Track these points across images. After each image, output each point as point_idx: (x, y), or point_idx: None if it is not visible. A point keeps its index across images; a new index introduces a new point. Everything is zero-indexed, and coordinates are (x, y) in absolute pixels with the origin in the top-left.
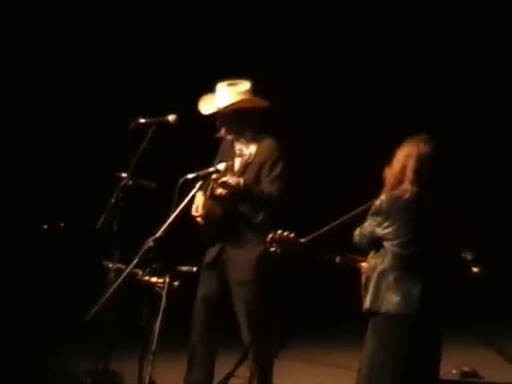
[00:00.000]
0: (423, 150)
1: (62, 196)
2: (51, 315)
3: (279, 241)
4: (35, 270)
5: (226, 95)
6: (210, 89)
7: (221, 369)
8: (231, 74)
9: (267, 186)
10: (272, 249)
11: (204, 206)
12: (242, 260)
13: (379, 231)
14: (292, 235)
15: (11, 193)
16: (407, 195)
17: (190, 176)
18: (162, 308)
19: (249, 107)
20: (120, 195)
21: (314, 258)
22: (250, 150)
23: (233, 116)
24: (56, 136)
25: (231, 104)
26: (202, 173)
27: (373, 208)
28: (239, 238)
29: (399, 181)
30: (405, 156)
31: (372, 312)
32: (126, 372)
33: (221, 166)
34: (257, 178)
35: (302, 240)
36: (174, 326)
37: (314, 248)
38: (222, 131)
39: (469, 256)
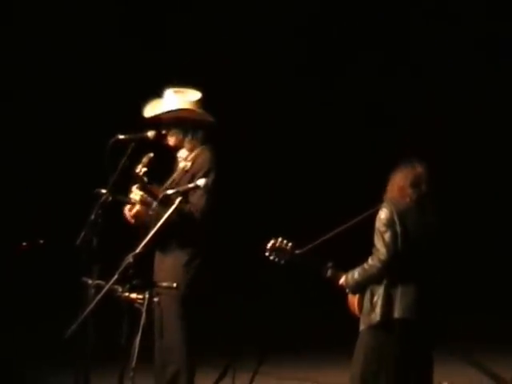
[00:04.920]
0: (418, 172)
1: (41, 213)
2: (31, 331)
3: (277, 250)
4: (14, 286)
5: (173, 101)
6: (159, 94)
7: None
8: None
9: (194, 197)
10: (272, 257)
11: (134, 211)
12: (167, 267)
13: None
14: (289, 245)
15: None
16: (407, 200)
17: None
18: (141, 324)
19: (193, 118)
20: (99, 211)
21: (307, 270)
22: (189, 159)
23: (176, 124)
24: (34, 153)
25: (176, 110)
26: (182, 189)
27: (382, 223)
28: (166, 246)
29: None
30: (402, 177)
31: (383, 322)
32: None
33: (200, 182)
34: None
35: (298, 251)
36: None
37: (308, 260)
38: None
39: None
